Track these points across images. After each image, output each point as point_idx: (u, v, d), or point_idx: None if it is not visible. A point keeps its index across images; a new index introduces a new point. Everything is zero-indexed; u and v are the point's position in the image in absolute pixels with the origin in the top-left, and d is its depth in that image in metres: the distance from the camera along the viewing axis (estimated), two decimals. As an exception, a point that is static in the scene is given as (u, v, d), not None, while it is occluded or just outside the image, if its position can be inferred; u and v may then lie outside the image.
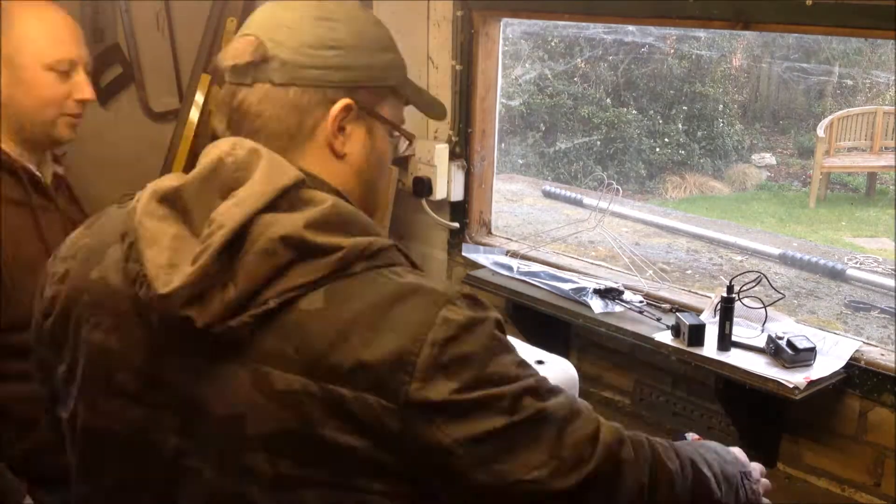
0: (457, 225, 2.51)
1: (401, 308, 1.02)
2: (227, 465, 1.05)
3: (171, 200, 1.06)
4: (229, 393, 1.04)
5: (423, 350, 0.99)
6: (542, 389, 1.06)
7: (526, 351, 1.80)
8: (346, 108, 1.14)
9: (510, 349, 1.06)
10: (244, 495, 1.04)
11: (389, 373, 0.99)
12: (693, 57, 6.97)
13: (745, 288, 1.86)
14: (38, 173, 1.84)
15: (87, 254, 1.15)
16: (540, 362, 1.74)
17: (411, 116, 1.30)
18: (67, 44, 1.77)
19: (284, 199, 1.04)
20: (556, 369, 1.74)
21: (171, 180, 1.07)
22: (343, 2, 1.20)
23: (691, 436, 1.42)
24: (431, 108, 1.33)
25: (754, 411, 1.85)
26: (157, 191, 1.06)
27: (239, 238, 1.01)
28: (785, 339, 1.76)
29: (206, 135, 2.88)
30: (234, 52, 1.13)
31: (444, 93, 2.44)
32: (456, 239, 2.51)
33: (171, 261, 1.01)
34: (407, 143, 1.28)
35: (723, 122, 7.28)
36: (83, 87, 1.79)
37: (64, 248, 1.19)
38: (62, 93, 1.78)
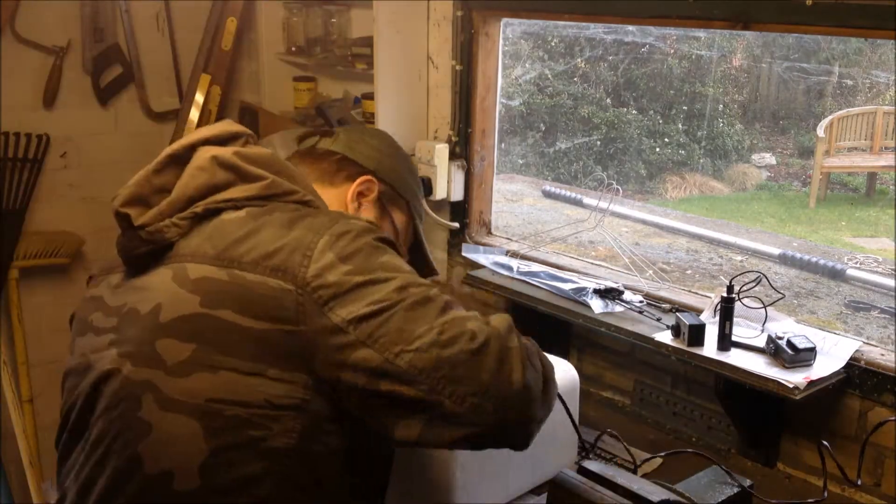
0: (457, 225, 2.51)
1: (307, 219, 1.18)
2: (140, 355, 1.16)
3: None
4: (152, 293, 1.18)
5: (322, 239, 1.13)
6: (425, 282, 1.18)
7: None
8: (368, 182, 1.49)
9: (400, 256, 1.21)
10: (151, 383, 1.13)
11: (289, 257, 1.12)
12: (693, 57, 6.96)
13: (745, 288, 1.86)
14: None
15: None
16: None
17: (411, 116, 1.48)
18: None
19: (233, 144, 1.26)
20: (557, 370, 1.74)
21: None
22: (392, 141, 1.65)
23: None
24: (424, 248, 1.66)
25: (754, 411, 1.85)
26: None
27: (185, 162, 1.22)
28: (785, 339, 1.76)
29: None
30: (314, 130, 1.58)
31: (444, 93, 2.44)
32: (456, 239, 2.51)
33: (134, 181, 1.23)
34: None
35: (723, 122, 7.27)
36: None
37: None
38: None
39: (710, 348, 1.83)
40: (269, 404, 1.09)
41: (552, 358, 1.76)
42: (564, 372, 1.74)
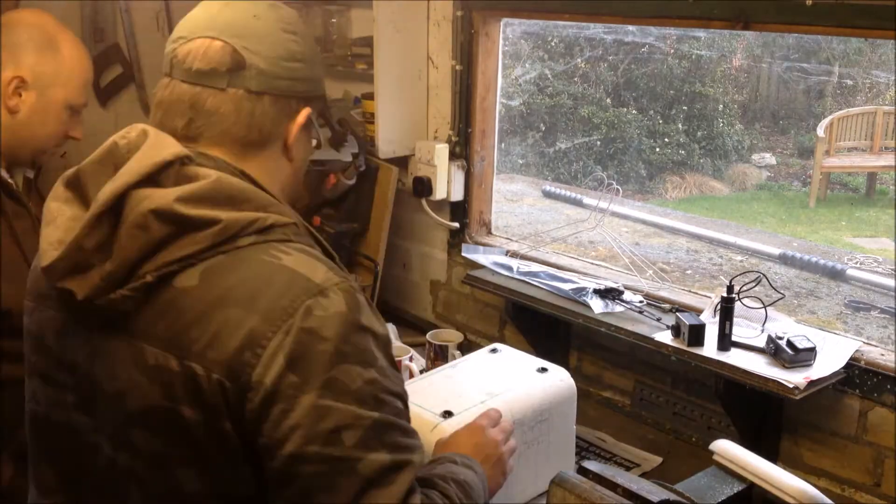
0: (457, 225, 2.51)
1: (269, 291, 1.03)
2: (118, 441, 1.10)
3: (73, 184, 1.12)
4: (115, 369, 1.09)
5: (276, 336, 1.00)
6: (375, 432, 1.03)
7: (525, 360, 1.77)
8: (303, 121, 1.19)
9: (370, 364, 1.04)
10: (133, 471, 1.09)
11: (238, 354, 1.01)
12: (693, 57, 6.96)
13: (745, 288, 1.86)
14: (10, 180, 1.86)
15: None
16: (543, 370, 1.72)
17: (411, 116, 1.32)
18: (88, 88, 1.89)
19: (166, 176, 1.07)
20: (553, 378, 1.71)
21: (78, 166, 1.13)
22: (295, 14, 1.24)
23: None
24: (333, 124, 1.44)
25: (754, 411, 1.85)
26: (65, 175, 1.13)
27: (116, 214, 1.04)
28: (785, 339, 1.76)
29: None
30: (207, 56, 1.14)
31: (444, 93, 2.44)
32: (456, 239, 2.51)
33: (61, 238, 1.06)
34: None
35: (723, 122, 7.27)
36: (78, 128, 1.89)
37: None
38: (66, 129, 1.86)
39: (710, 348, 1.83)
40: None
41: (550, 365, 1.74)
42: (561, 380, 1.71)
